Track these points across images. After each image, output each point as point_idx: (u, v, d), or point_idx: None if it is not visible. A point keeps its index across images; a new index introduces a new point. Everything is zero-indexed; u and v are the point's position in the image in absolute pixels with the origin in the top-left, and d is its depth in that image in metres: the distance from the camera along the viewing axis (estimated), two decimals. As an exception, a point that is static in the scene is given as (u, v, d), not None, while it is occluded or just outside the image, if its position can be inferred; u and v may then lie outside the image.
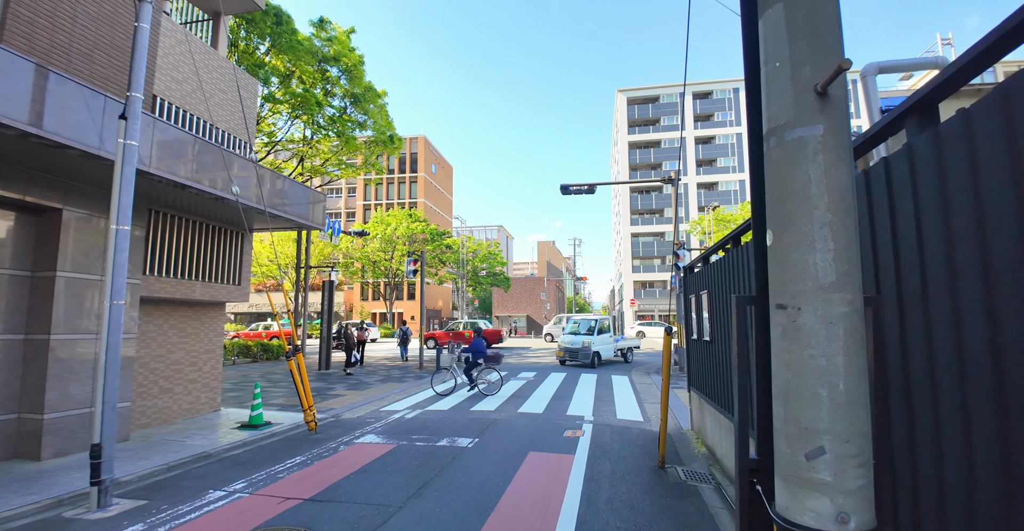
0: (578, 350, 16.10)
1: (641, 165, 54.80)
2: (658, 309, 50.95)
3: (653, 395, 10.61)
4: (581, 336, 16.47)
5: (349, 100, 19.05)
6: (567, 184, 15.46)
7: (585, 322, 17.37)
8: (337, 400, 10.20)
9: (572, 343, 16.37)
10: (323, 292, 15.54)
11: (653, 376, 13.60)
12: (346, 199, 64.33)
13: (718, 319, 5.55)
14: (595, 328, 16.69)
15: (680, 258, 13.74)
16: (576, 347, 16.17)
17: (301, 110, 16.94)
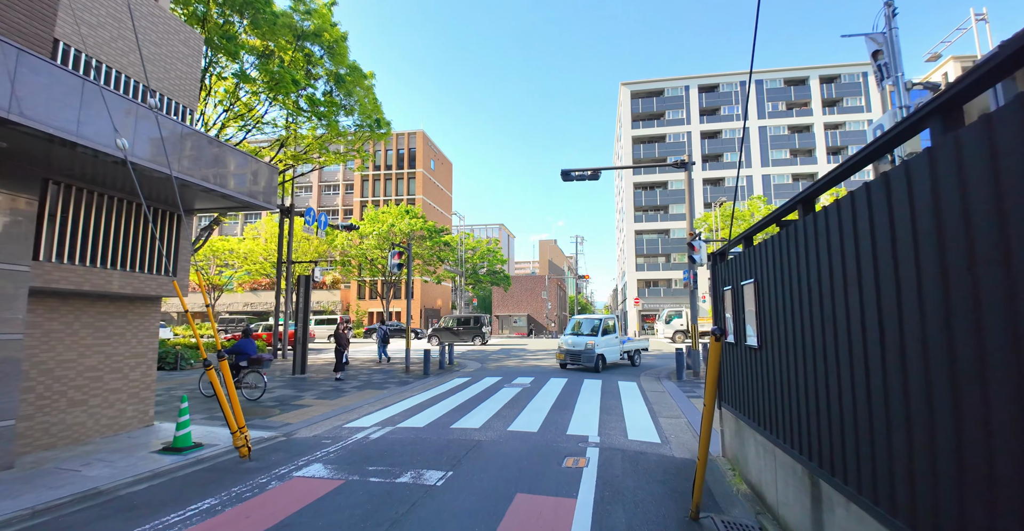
0: (580, 352, 14.54)
1: (645, 160, 53.18)
2: (663, 308, 49.37)
3: (668, 406, 9.09)
4: (584, 337, 14.87)
5: (332, 81, 17.57)
6: (568, 169, 13.96)
7: (588, 321, 15.66)
8: (298, 412, 8.71)
9: (574, 345, 14.79)
10: (298, 288, 14.06)
11: (665, 382, 12.08)
12: (343, 196, 63.01)
13: (774, 317, 4.04)
14: (599, 328, 14.96)
15: (696, 250, 12.21)
16: (578, 349, 14.61)
17: (277, 90, 15.46)
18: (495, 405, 9.10)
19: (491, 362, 17.63)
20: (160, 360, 15.24)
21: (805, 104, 51.76)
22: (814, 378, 3.23)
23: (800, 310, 3.46)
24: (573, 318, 16.22)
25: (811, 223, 3.29)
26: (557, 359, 15.30)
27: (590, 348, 14.38)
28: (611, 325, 15.53)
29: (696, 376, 12.71)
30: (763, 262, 4.30)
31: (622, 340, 16.19)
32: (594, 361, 14.31)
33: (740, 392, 5.21)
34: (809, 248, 3.30)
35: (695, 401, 9.48)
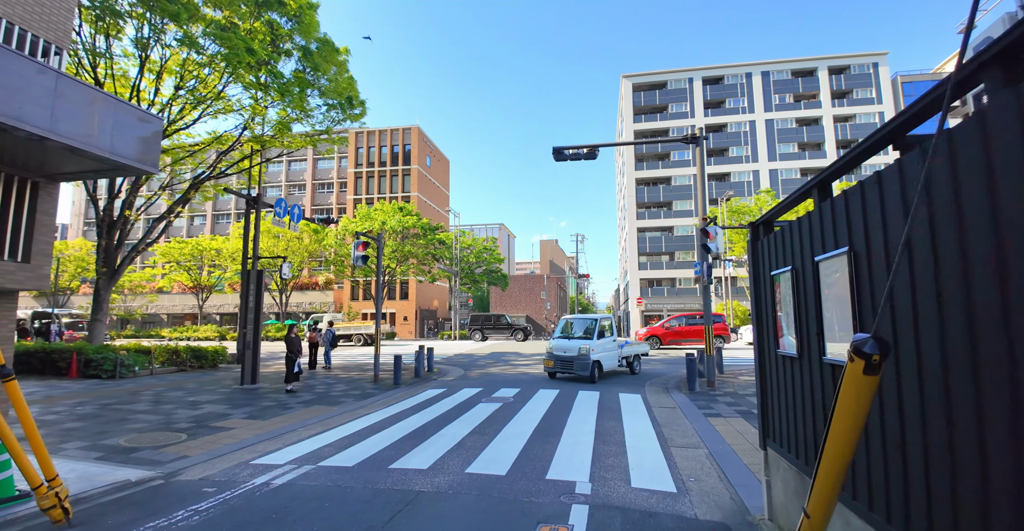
0: (573, 359, 12.29)
1: (648, 155, 51.35)
2: (667, 308, 47.39)
3: (681, 429, 7.16)
4: (576, 341, 12.65)
5: (300, 55, 15.72)
6: (561, 147, 12.06)
7: (581, 322, 13.52)
8: (209, 439, 6.81)
9: (565, 350, 12.45)
10: (247, 285, 12.17)
11: (674, 394, 10.15)
12: (337, 194, 61.32)
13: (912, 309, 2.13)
14: (594, 330, 12.63)
15: (710, 236, 10.28)
16: (570, 355, 12.34)
17: (231, 61, 13.59)
18: (462, 429, 7.18)
19: (475, 369, 15.69)
20: (95, 367, 13.39)
21: (813, 96, 49.80)
22: None
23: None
24: (563, 318, 14.01)
25: None
26: (545, 367, 12.80)
27: (584, 354, 12.11)
28: (607, 326, 13.27)
29: (711, 387, 10.77)
30: (873, 216, 2.39)
31: (620, 344, 14.01)
32: (589, 369, 12.02)
33: (802, 429, 3.32)
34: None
35: (714, 421, 7.56)
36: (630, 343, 14.47)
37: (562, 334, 13.37)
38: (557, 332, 13.53)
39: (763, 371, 4.26)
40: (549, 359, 12.69)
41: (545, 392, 10.51)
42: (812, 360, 3.16)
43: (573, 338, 12.89)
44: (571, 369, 12.24)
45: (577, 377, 12.77)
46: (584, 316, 13.67)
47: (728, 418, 7.82)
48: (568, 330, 13.52)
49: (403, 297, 54.46)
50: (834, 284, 2.82)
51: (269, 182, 64.01)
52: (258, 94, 15.16)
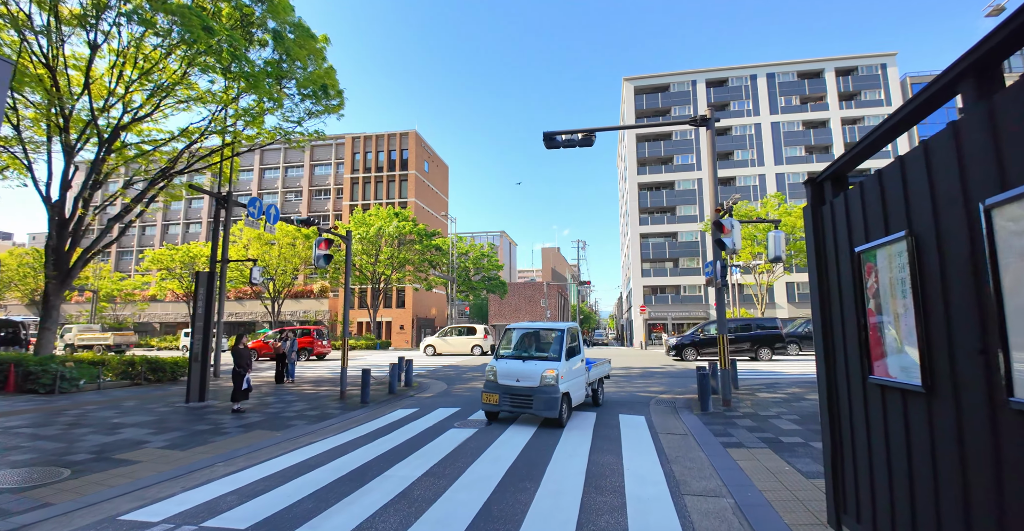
0: (532, 392, 7.82)
1: (650, 159, 50.05)
2: (672, 316, 45.76)
3: (697, 466, 5.63)
4: (537, 363, 8.13)
5: (270, 37, 14.42)
6: (553, 132, 10.66)
7: (542, 334, 9.23)
8: (94, 478, 5.34)
9: (519, 377, 8.00)
10: (197, 288, 10.75)
11: (684, 415, 8.60)
12: (334, 200, 60.22)
13: None
14: (561, 346, 8.38)
15: (725, 230, 8.79)
16: (527, 386, 7.89)
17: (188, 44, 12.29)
18: (415, 469, 5.67)
19: (459, 383, 14.14)
20: (33, 380, 11.95)
21: (820, 98, 48.50)
22: None
23: None
24: (513, 328, 9.32)
25: None
26: (484, 404, 8.19)
27: (550, 385, 7.76)
28: (576, 336, 9.17)
29: (727, 406, 9.24)
30: None
31: (587, 363, 9.70)
32: (556, 408, 7.65)
33: (934, 517, 1.84)
34: None
35: (736, 454, 6.04)
36: (596, 363, 10.08)
37: (514, 352, 8.79)
38: (501, 348, 8.90)
39: (833, 409, 2.77)
40: (492, 391, 8.08)
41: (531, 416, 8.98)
42: (967, 397, 1.67)
43: (531, 358, 8.40)
44: (529, 407, 7.77)
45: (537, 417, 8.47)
46: (547, 325, 9.32)
47: (753, 449, 6.30)
48: (523, 346, 9.03)
49: (399, 305, 53.02)
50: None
51: (265, 188, 63.05)
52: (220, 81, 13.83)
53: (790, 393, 11.16)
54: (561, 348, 8.32)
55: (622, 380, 14.41)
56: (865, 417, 2.40)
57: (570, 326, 8.91)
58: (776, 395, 10.86)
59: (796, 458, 5.85)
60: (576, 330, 9.18)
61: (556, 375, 7.80)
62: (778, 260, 9.27)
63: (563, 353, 8.23)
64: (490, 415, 8.43)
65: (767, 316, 33.84)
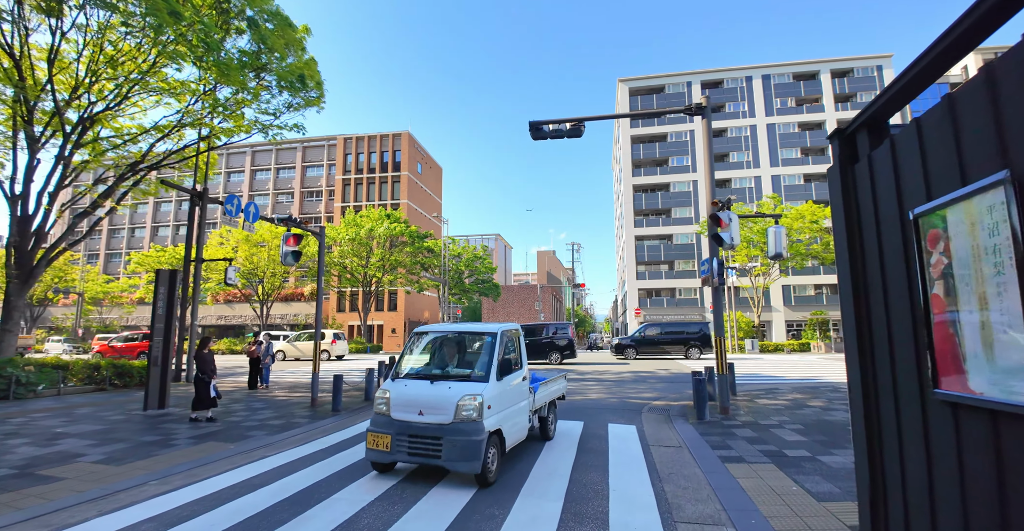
0: (441, 432, 4.97)
1: (646, 161, 49.58)
2: (667, 319, 45.15)
3: (692, 485, 4.97)
4: (451, 384, 5.30)
5: (247, 25, 13.76)
6: (539, 121, 10.03)
7: (462, 341, 6.38)
8: (2, 499, 4.63)
9: (426, 408, 5.14)
10: (157, 287, 10.02)
11: (678, 423, 7.93)
12: (326, 202, 59.45)
13: None
14: (491, 359, 5.53)
15: (723, 224, 8.14)
16: (434, 422, 5.06)
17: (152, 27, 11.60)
18: (368, 492, 4.96)
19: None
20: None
21: (816, 100, 48.18)
22: None
23: None
24: (424, 331, 6.30)
25: None
26: (369, 450, 5.29)
27: (470, 418, 5.00)
28: (516, 342, 6.37)
29: (725, 414, 8.58)
30: None
31: (534, 381, 6.98)
32: (478, 455, 4.85)
33: None
34: None
35: (736, 470, 5.38)
36: (546, 380, 7.18)
37: (421, 368, 5.93)
38: (405, 362, 5.91)
39: (872, 432, 2.11)
40: (381, 430, 5.21)
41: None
42: None
43: (444, 378, 5.53)
44: (434, 454, 4.98)
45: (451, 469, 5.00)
46: (471, 327, 6.45)
47: (754, 464, 5.64)
48: (436, 359, 6.15)
49: (391, 308, 52.26)
50: None
51: (257, 190, 62.23)
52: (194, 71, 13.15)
53: (791, 399, 10.51)
54: (491, 361, 5.40)
55: (613, 385, 13.74)
56: (925, 446, 1.74)
57: (505, 329, 6.01)
58: (777, 402, 10.22)
59: (804, 475, 5.20)
60: (516, 334, 6.34)
61: (480, 404, 4.92)
62: (779, 257, 8.65)
63: (493, 368, 5.34)
64: (378, 467, 5.42)
65: (693, 320, 34.81)
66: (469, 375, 5.49)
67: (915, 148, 1.72)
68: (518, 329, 6.52)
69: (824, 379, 14.89)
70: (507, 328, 6.15)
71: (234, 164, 63.84)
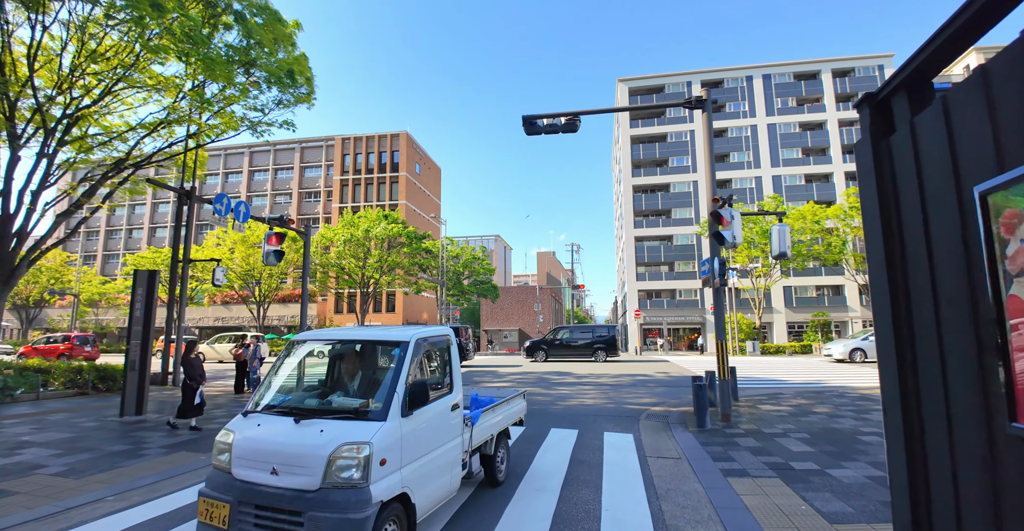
0: (304, 501, 3.09)
1: (645, 161, 49.20)
2: (667, 321, 44.76)
3: (694, 505, 4.58)
4: (325, 426, 3.38)
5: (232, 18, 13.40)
6: (533, 116, 9.65)
7: (359, 350, 4.41)
8: (-69, 526, 4.24)
9: (282, 463, 3.24)
10: (133, 287, 9.62)
11: (678, 432, 7.53)
12: (324, 203, 59.09)
13: None
14: (399, 381, 3.60)
15: (724, 222, 7.74)
16: (293, 490, 3.16)
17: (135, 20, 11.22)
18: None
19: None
20: (-43, 393, 10.79)
21: (817, 100, 47.83)
22: None
23: None
24: (306, 338, 4.34)
25: None
26: (201, 524, 3.32)
27: (351, 481, 3.14)
28: (446, 355, 4.52)
29: (727, 421, 8.18)
30: None
31: (469, 412, 4.76)
32: None
33: None
34: None
35: (739, 485, 4.98)
36: (495, 404, 5.27)
37: (291, 398, 4.08)
38: (268, 387, 4.02)
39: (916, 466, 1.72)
40: (218, 496, 3.32)
41: (506, 429, 7.88)
42: None
43: (317, 413, 3.67)
44: None
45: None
46: (369, 334, 4.53)
47: (759, 479, 5.24)
48: (311, 383, 4.52)
49: (389, 310, 51.88)
50: None
51: (255, 191, 61.91)
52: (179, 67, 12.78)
53: (795, 405, 10.11)
54: (394, 387, 3.59)
55: (610, 390, 13.33)
56: (992, 491, 1.34)
57: (423, 336, 4.10)
58: (780, 408, 9.81)
59: (813, 491, 4.80)
60: (443, 343, 4.45)
61: (366, 458, 3.16)
62: (783, 256, 8.25)
63: (396, 399, 3.52)
64: None
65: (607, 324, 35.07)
66: (357, 409, 3.56)
67: (979, 107, 1.32)
68: (446, 336, 4.46)
69: (828, 383, 14.49)
70: (426, 335, 4.13)
71: (232, 165, 63.55)
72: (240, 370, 12.87)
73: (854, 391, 12.43)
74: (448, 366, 4.46)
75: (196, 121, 14.44)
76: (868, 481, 5.10)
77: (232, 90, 14.05)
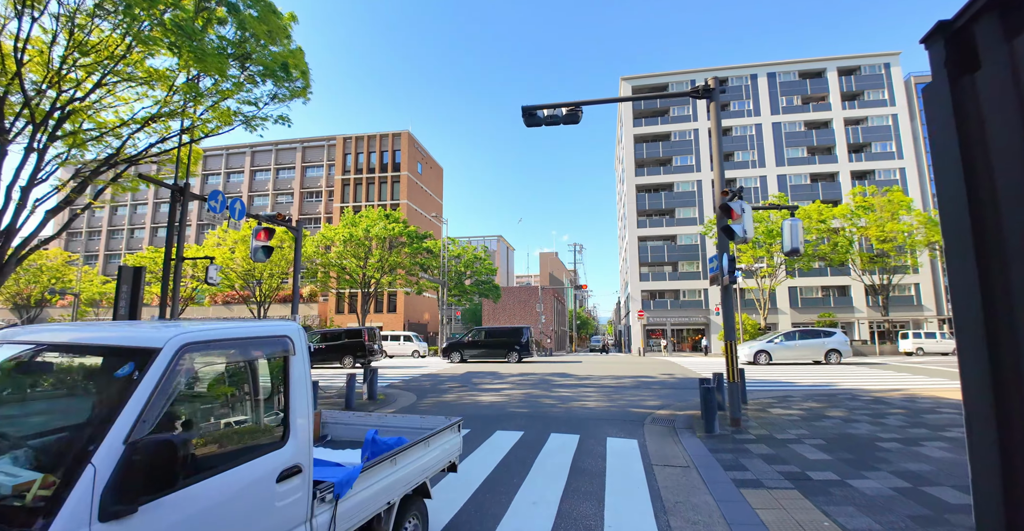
0: None
1: (649, 160, 48.76)
2: (670, 322, 44.29)
3: (705, 521, 4.17)
4: None
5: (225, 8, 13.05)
6: (532, 107, 9.26)
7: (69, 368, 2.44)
8: None
9: None
10: (118, 284, 9.27)
11: (685, 437, 7.14)
12: (325, 203, 58.81)
13: None
14: (116, 421, 1.71)
15: (734, 215, 7.34)
16: None
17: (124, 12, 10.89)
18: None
19: (431, 396, 12.59)
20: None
21: (823, 98, 47.31)
22: None
23: None
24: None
25: None
26: None
27: None
28: (273, 377, 2.63)
29: (736, 426, 7.76)
30: None
31: (367, 450, 3.31)
32: None
33: None
34: None
35: (753, 497, 4.57)
36: (396, 450, 3.13)
37: None
38: None
39: (1018, 499, 1.27)
40: None
41: (501, 438, 7.48)
42: None
43: None
44: None
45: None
46: (87, 335, 2.44)
47: (775, 490, 4.83)
48: None
49: (391, 310, 51.57)
50: None
51: (256, 191, 61.71)
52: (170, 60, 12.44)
53: (807, 409, 9.69)
54: (93, 446, 1.67)
55: (613, 392, 12.92)
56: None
57: (195, 339, 2.11)
58: (791, 412, 9.40)
59: (834, 505, 4.39)
60: (268, 351, 2.54)
61: None
62: (796, 253, 7.83)
63: (88, 477, 1.61)
64: None
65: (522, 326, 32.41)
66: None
67: None
68: (278, 337, 2.54)
69: (839, 386, 14.05)
70: (212, 337, 2.24)
71: (234, 164, 63.36)
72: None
73: (866, 394, 11.99)
74: (280, 397, 2.52)
75: (189, 115, 14.09)
76: (894, 493, 4.69)
77: (226, 84, 13.72)
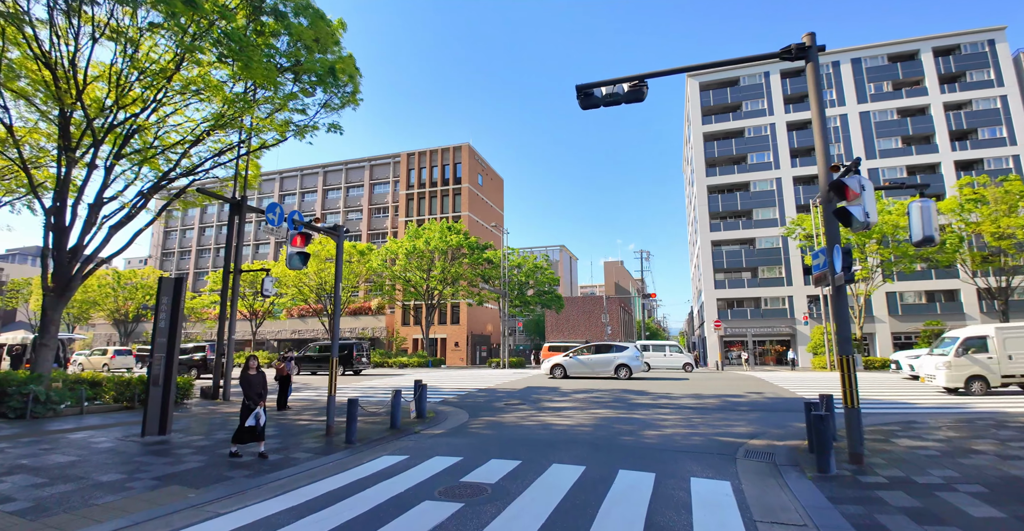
0: None
1: (721, 159, 45.89)
2: (751, 332, 40.95)
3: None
4: None
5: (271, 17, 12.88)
6: (589, 84, 8.09)
7: None
8: None
9: None
10: (159, 298, 8.89)
11: (792, 479, 5.60)
12: (391, 217, 60.07)
13: None
14: None
15: (851, 194, 5.72)
16: None
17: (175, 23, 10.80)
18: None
19: (485, 415, 11.46)
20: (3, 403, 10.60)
21: (917, 82, 42.69)
22: None
23: None
24: None
25: None
26: None
27: None
28: None
29: (858, 464, 6.08)
30: None
31: None
32: None
33: None
34: None
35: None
36: None
37: None
38: None
39: None
40: None
41: (558, 474, 6.23)
42: None
43: None
44: None
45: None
46: None
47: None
48: None
49: (454, 321, 51.36)
50: None
51: (328, 209, 64.06)
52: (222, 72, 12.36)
53: (944, 440, 7.73)
54: None
55: (693, 415, 11.25)
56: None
57: None
58: (925, 443, 7.49)
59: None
60: None
61: None
62: (929, 241, 6.05)
63: None
64: None
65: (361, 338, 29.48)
66: None
67: None
68: None
69: (971, 407, 11.64)
70: None
71: (308, 184, 66.27)
72: (283, 385, 12.06)
73: (1015, 420, 9.69)
74: None
75: (242, 126, 14.04)
76: None
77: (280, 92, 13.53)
